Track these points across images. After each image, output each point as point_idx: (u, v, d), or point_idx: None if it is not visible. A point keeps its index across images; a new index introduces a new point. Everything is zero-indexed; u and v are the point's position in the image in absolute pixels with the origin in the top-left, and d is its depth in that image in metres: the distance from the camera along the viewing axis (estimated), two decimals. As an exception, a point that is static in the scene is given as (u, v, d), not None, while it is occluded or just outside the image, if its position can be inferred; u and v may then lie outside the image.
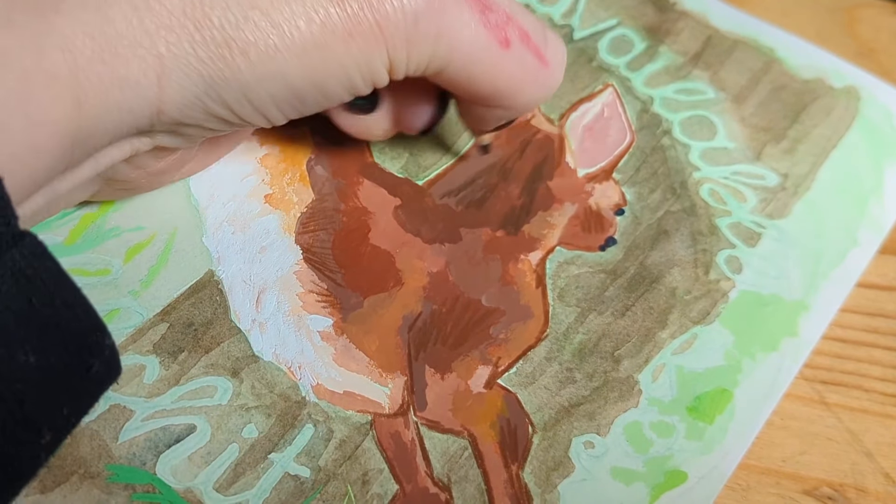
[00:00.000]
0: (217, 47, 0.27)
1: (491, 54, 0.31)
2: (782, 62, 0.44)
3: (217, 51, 0.27)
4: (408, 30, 0.29)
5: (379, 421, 0.34)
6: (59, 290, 0.24)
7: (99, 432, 0.33)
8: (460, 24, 0.30)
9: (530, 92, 0.33)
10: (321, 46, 0.28)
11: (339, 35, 0.28)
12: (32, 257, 0.24)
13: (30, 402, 0.24)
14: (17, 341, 0.23)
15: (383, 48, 0.29)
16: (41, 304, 0.24)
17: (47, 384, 0.24)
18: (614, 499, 0.33)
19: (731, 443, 0.35)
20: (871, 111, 0.43)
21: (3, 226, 0.23)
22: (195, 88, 0.28)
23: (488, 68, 0.31)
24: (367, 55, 0.29)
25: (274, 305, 0.36)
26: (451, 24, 0.30)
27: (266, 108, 0.30)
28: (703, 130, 0.42)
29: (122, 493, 0.32)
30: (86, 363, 0.25)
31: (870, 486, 0.35)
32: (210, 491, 0.33)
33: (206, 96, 0.28)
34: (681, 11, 0.46)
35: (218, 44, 0.27)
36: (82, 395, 0.26)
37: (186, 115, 0.29)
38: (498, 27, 0.31)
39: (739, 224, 0.40)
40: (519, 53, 0.32)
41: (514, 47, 0.31)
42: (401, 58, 0.30)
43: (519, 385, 0.35)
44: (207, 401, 0.34)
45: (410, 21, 0.29)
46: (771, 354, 0.36)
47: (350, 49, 0.29)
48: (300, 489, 0.33)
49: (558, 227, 0.39)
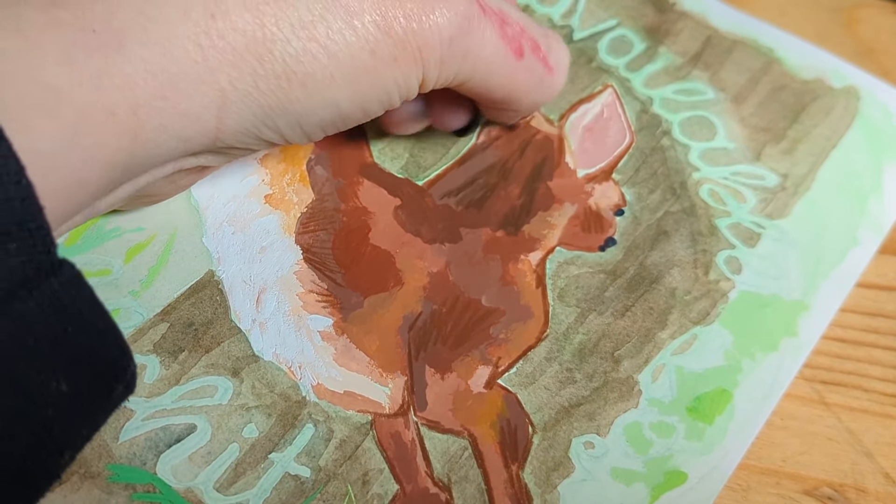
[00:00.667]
0: (277, 79, 0.28)
1: (507, 65, 0.33)
2: (782, 62, 0.44)
3: (277, 83, 0.28)
4: (443, 52, 0.31)
5: (379, 421, 0.34)
6: (92, 317, 0.25)
7: (99, 432, 0.33)
8: (484, 41, 0.32)
9: (537, 96, 0.36)
10: (370, 71, 0.30)
11: (386, 60, 0.30)
12: (70, 286, 0.24)
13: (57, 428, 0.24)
14: (50, 369, 0.23)
15: (420, 68, 0.31)
16: (76, 332, 0.24)
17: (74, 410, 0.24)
18: (614, 499, 0.33)
19: (730, 443, 0.35)
20: (870, 111, 0.43)
21: (42, 254, 0.23)
22: (253, 118, 0.29)
23: (504, 78, 0.33)
24: (407, 75, 0.31)
25: (274, 305, 0.36)
26: (478, 42, 0.31)
27: (313, 131, 0.31)
28: (703, 131, 0.42)
29: (122, 492, 0.32)
30: (110, 387, 0.26)
31: (870, 486, 0.35)
32: (210, 491, 0.33)
33: (262, 124, 0.29)
34: (680, 12, 0.46)
35: (278, 76, 0.28)
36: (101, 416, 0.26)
37: (239, 140, 0.30)
38: (514, 39, 0.33)
39: (739, 224, 0.40)
40: (530, 62, 0.34)
41: (526, 57, 0.34)
42: (433, 75, 0.31)
43: (519, 385, 0.35)
44: (208, 400, 0.34)
45: (446, 43, 0.30)
46: (771, 355, 0.36)
47: (393, 71, 0.30)
48: (300, 489, 0.33)
49: (558, 227, 0.39)
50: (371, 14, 0.29)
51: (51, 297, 0.23)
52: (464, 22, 0.31)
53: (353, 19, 0.29)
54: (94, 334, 0.25)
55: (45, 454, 0.24)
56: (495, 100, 0.35)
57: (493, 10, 0.32)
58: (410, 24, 0.29)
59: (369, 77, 0.30)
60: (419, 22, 0.30)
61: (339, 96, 0.30)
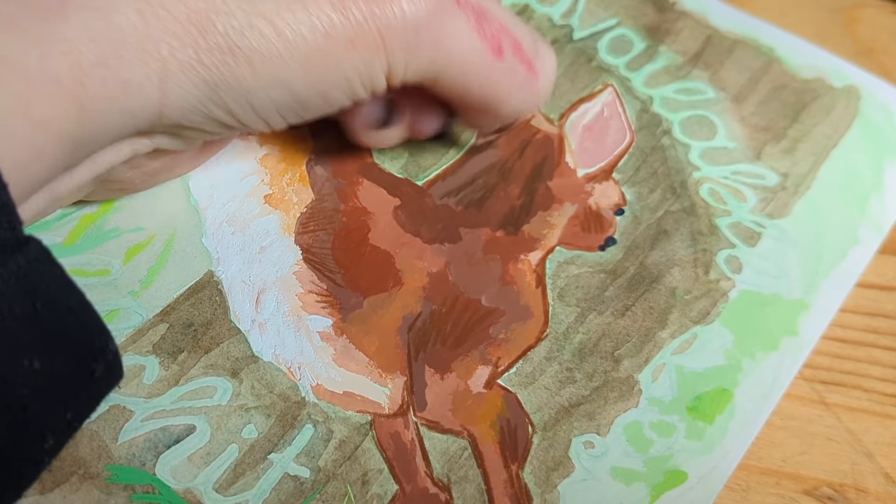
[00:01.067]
0: (221, 54, 0.27)
1: (484, 63, 0.31)
2: (782, 62, 0.44)
3: (221, 57, 0.27)
4: (408, 38, 0.29)
5: (379, 421, 0.34)
6: (63, 295, 0.24)
7: (98, 433, 0.33)
8: (458, 33, 0.30)
9: (518, 101, 0.34)
10: (324, 54, 0.28)
11: (341, 42, 0.28)
12: (37, 262, 0.24)
13: (33, 408, 0.24)
14: (21, 347, 0.23)
15: (383, 55, 0.29)
16: (45, 309, 0.24)
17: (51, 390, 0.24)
18: (614, 499, 0.33)
19: (731, 442, 0.35)
20: (871, 110, 0.43)
21: (7, 231, 0.23)
22: (198, 93, 0.28)
23: (481, 77, 0.32)
24: (368, 62, 0.29)
25: (273, 306, 0.36)
26: (449, 34, 0.30)
27: (268, 114, 0.30)
28: (703, 130, 0.42)
29: (121, 493, 0.32)
30: (89, 368, 0.25)
31: (870, 486, 0.35)
32: (210, 491, 0.33)
33: (209, 101, 0.28)
34: (680, 11, 0.46)
35: (222, 50, 0.27)
36: (85, 399, 0.26)
37: (188, 118, 0.29)
38: (492, 37, 0.31)
39: (739, 224, 0.39)
40: (510, 63, 0.32)
41: (506, 57, 0.32)
42: (399, 65, 0.30)
43: (519, 385, 0.35)
44: (207, 401, 0.34)
45: (411, 30, 0.29)
46: (771, 354, 0.36)
47: (351, 56, 0.29)
48: (300, 489, 0.33)
49: (558, 227, 0.39)
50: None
51: (17, 272, 0.23)
52: (433, 9, 0.29)
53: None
54: (66, 312, 0.24)
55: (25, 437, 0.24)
56: (473, 102, 0.33)
57: (470, 3, 0.31)
58: (370, 6, 0.28)
59: (323, 59, 0.28)
60: (380, 4, 0.28)
61: (289, 77, 0.28)
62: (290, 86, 0.29)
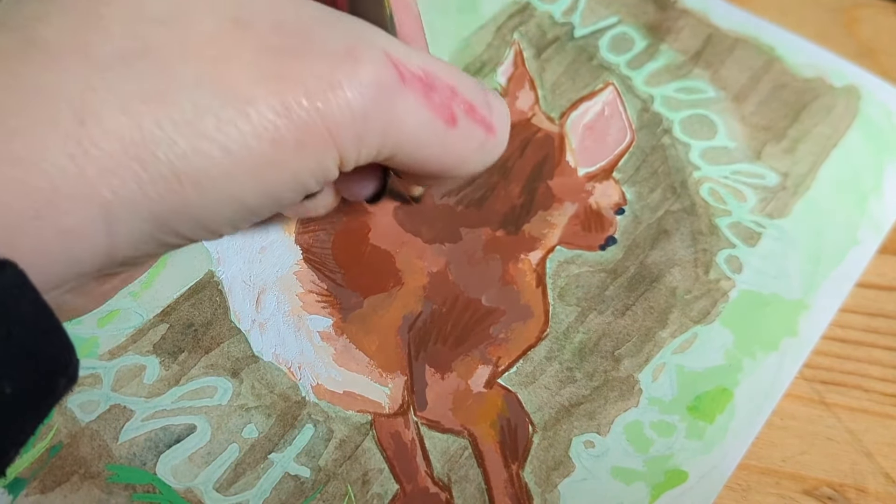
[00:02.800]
0: (166, 182, 0.25)
1: (438, 135, 0.29)
2: (783, 61, 0.44)
3: (166, 185, 0.25)
4: (357, 128, 0.27)
5: (379, 421, 0.34)
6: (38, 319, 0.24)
7: (99, 432, 0.33)
8: (407, 112, 0.28)
9: (477, 162, 0.32)
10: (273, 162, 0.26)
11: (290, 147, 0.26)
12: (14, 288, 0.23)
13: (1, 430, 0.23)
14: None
15: (334, 149, 0.27)
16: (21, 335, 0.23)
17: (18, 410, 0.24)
18: (614, 498, 0.33)
19: (731, 442, 0.35)
20: (871, 110, 0.43)
21: None
22: (146, 226, 0.26)
23: (436, 149, 0.30)
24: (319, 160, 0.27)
25: (274, 306, 0.36)
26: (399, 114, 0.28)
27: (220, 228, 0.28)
28: (704, 129, 0.42)
29: (122, 492, 0.32)
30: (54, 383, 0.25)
31: (870, 486, 0.35)
32: (210, 491, 0.33)
33: (159, 231, 0.27)
34: (681, 10, 0.46)
35: (167, 178, 0.25)
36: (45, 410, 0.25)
37: (140, 250, 0.27)
38: (443, 106, 0.29)
39: (739, 224, 0.39)
40: (466, 128, 0.30)
41: (460, 123, 0.30)
42: (351, 154, 0.28)
43: (519, 384, 0.35)
44: (207, 401, 0.34)
45: (359, 119, 0.27)
46: (771, 354, 0.36)
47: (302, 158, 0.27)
48: (300, 489, 0.33)
49: (558, 226, 0.39)
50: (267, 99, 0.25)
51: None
52: (379, 93, 0.27)
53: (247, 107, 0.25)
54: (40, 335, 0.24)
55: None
56: (431, 172, 0.31)
57: (414, 74, 0.28)
58: (314, 103, 0.26)
59: (274, 168, 0.26)
60: (325, 100, 0.26)
61: (240, 192, 0.26)
62: (242, 200, 0.27)
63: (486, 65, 0.43)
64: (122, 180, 0.24)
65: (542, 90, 0.42)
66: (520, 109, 0.42)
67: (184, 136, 0.25)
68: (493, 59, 0.43)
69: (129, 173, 0.24)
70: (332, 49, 0.27)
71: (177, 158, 0.25)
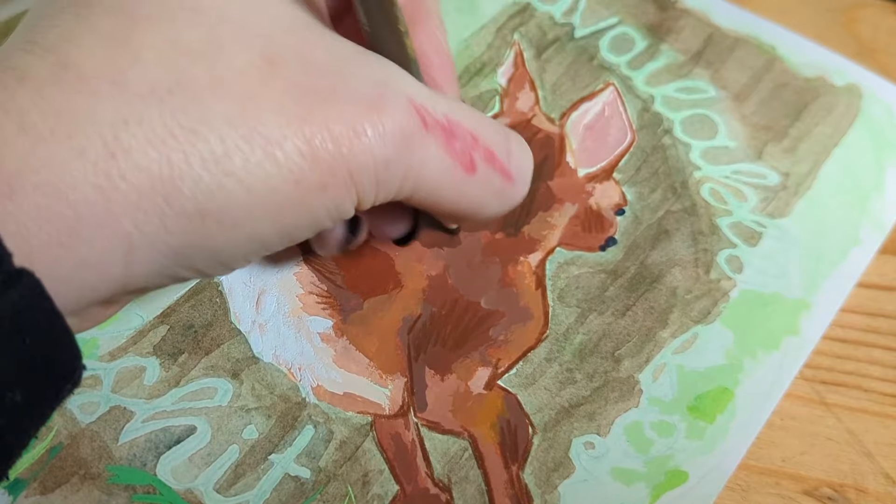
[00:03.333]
0: (189, 218, 0.25)
1: (457, 181, 0.30)
2: (783, 60, 0.44)
3: (188, 222, 0.25)
4: (378, 173, 0.27)
5: (379, 422, 0.34)
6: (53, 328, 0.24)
7: (99, 433, 0.33)
8: (427, 158, 0.29)
9: (495, 208, 0.32)
10: (295, 203, 0.27)
11: (312, 189, 0.27)
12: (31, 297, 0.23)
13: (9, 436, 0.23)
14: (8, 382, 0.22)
15: (353, 192, 0.28)
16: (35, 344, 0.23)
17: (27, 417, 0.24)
18: (615, 499, 0.33)
19: (732, 442, 0.34)
20: (872, 109, 0.43)
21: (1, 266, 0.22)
22: (164, 260, 0.26)
23: (454, 194, 0.30)
24: (339, 202, 0.28)
25: (274, 307, 0.36)
26: (419, 160, 0.28)
27: (235, 263, 0.29)
28: (704, 129, 0.42)
29: (122, 493, 0.32)
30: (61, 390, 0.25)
31: (870, 487, 0.35)
32: (210, 492, 0.33)
33: (176, 265, 0.27)
34: (682, 10, 0.46)
35: (190, 215, 0.25)
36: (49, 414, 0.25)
37: (153, 282, 0.27)
38: (464, 153, 0.30)
39: (740, 223, 0.39)
40: (485, 175, 0.31)
41: (479, 170, 0.30)
42: (370, 196, 0.28)
43: (519, 386, 0.35)
44: (207, 402, 0.34)
45: (381, 165, 0.27)
46: (772, 353, 0.36)
47: (323, 199, 0.27)
48: (300, 490, 0.33)
49: (558, 227, 0.39)
50: (294, 141, 0.26)
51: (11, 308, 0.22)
52: (402, 141, 0.27)
53: (274, 149, 0.25)
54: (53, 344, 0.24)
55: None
56: (448, 214, 0.32)
57: (437, 121, 0.29)
58: (340, 149, 0.26)
59: (295, 208, 0.27)
60: (349, 146, 0.26)
61: (260, 230, 0.27)
62: (261, 237, 0.27)
63: (487, 65, 0.43)
64: (147, 215, 0.24)
65: (542, 91, 0.43)
66: (520, 110, 0.42)
67: (211, 173, 0.25)
68: (494, 60, 0.43)
69: (153, 207, 0.24)
70: (360, 94, 0.27)
71: (202, 195, 0.25)
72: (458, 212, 0.31)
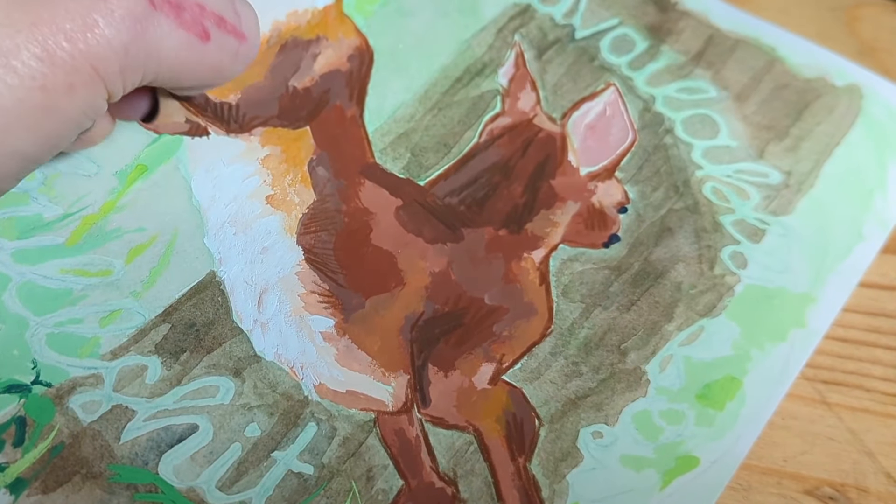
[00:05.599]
0: None
1: (195, 52, 0.31)
2: (784, 61, 0.44)
3: None
4: (119, 62, 0.28)
5: (383, 418, 0.34)
6: None
7: (101, 432, 0.33)
8: (162, 35, 0.29)
9: (234, 70, 0.33)
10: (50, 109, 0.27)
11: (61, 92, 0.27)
12: None
13: None
14: None
15: (101, 86, 0.28)
16: None
17: None
18: (625, 485, 0.33)
19: (742, 428, 0.35)
20: (873, 108, 0.43)
21: None
22: None
23: (195, 65, 0.31)
24: (90, 98, 0.28)
25: (276, 306, 0.36)
26: (155, 40, 0.29)
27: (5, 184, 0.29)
28: (706, 129, 0.42)
29: (124, 492, 0.32)
30: None
31: (871, 486, 0.35)
32: (213, 490, 0.32)
33: None
34: (682, 11, 0.46)
35: None
36: None
37: None
38: (195, 23, 0.30)
39: (743, 221, 0.39)
40: (219, 40, 0.32)
41: (213, 37, 0.31)
42: (118, 87, 0.29)
43: (524, 380, 0.35)
44: (210, 400, 0.34)
45: (121, 53, 0.28)
46: (780, 345, 0.37)
47: (74, 99, 0.28)
48: (304, 486, 0.33)
49: (561, 224, 0.39)
50: (29, 48, 0.26)
51: None
52: (134, 24, 0.28)
53: (10, 60, 0.26)
54: None
55: None
56: (190, 86, 0.33)
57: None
58: (76, 45, 0.27)
59: (49, 114, 0.27)
60: (84, 40, 0.27)
61: (21, 145, 0.27)
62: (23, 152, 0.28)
63: (488, 66, 0.43)
64: None
65: (543, 91, 0.43)
66: (521, 110, 0.42)
67: None
68: (495, 61, 0.43)
69: None
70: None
71: None
72: (202, 81, 0.33)
